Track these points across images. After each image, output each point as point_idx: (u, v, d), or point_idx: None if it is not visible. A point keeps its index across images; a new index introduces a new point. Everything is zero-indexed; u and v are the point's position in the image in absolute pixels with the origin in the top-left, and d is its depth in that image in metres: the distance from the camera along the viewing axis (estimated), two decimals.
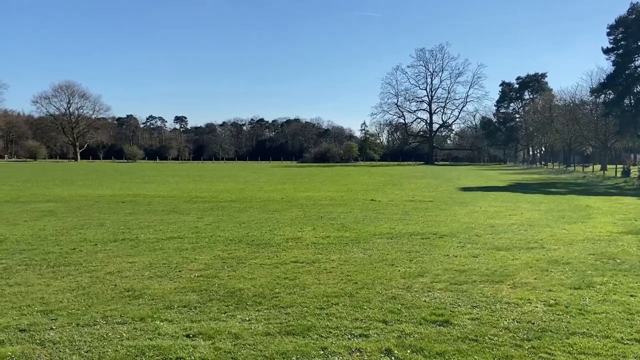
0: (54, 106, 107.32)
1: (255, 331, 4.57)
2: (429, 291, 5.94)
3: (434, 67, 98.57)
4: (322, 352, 4.12)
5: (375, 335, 4.50)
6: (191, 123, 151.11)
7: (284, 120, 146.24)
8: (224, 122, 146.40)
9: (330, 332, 4.55)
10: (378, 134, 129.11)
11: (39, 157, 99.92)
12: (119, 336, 4.40)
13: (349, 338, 4.43)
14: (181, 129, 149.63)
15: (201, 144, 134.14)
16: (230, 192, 20.91)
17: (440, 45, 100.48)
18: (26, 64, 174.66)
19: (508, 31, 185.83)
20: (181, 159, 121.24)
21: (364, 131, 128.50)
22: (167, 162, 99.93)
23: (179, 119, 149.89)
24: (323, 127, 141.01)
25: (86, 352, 4.05)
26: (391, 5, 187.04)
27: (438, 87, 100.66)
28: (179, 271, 6.91)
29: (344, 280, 6.45)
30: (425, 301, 5.54)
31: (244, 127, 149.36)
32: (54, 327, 4.63)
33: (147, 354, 4.03)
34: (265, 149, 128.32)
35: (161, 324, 4.73)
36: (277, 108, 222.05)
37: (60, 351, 4.08)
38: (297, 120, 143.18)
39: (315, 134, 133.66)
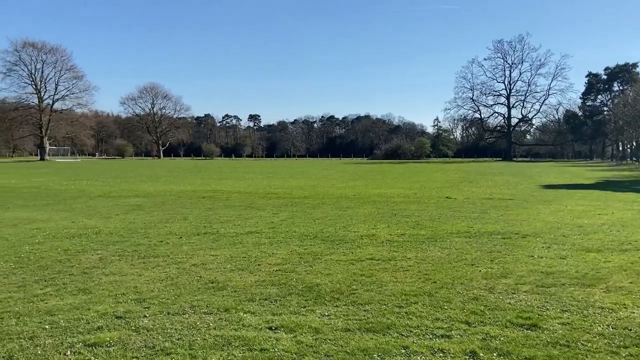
0: (140, 107, 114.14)
1: (335, 327, 4.60)
2: (513, 293, 5.70)
3: (513, 59, 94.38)
4: (403, 350, 4.08)
5: (458, 336, 4.38)
6: (264, 121, 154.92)
7: (355, 117, 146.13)
8: (295, 120, 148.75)
9: (411, 331, 4.49)
10: (452, 129, 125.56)
11: (126, 155, 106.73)
12: (206, 325, 4.61)
13: (430, 338, 4.35)
14: (255, 127, 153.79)
15: (274, 142, 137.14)
16: (303, 189, 21.22)
17: (519, 36, 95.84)
18: (115, 68, 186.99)
19: (593, 19, 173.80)
20: (255, 156, 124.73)
21: (436, 127, 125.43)
22: (241, 159, 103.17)
23: (253, 118, 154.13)
24: (394, 123, 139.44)
25: (177, 340, 4.27)
26: None
27: (517, 80, 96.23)
28: (258, 265, 7.11)
29: (421, 279, 6.34)
30: (510, 303, 5.32)
31: (315, 125, 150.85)
32: (147, 315, 4.92)
33: (233, 343, 4.18)
34: (336, 146, 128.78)
35: (244, 315, 4.89)
36: (347, 105, 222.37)
37: (153, 338, 4.32)
38: (367, 116, 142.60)
39: (385, 131, 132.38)
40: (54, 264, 7.15)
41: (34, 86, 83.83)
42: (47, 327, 4.57)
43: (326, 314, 4.97)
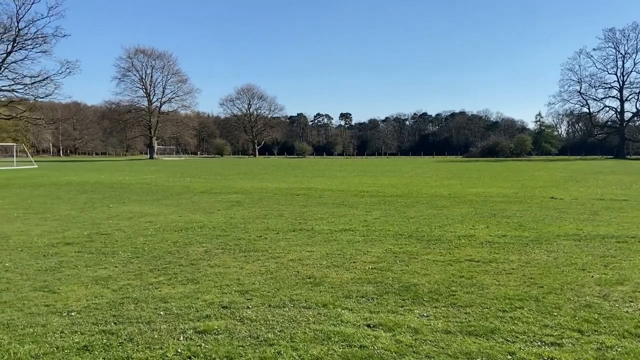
0: (237, 107, 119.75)
1: (434, 328, 4.51)
2: (631, 301, 5.22)
3: (627, 49, 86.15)
4: (509, 357, 3.89)
5: (570, 345, 4.10)
6: (355, 119, 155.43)
7: (449, 113, 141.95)
8: (386, 118, 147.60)
9: (517, 337, 4.28)
10: (556, 125, 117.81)
11: (224, 154, 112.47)
12: (306, 319, 4.72)
13: (539, 345, 4.11)
14: (346, 126, 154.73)
15: (364, 140, 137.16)
16: (395, 187, 21.00)
17: (634, 23, 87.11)
18: (215, 70, 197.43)
19: None
20: (346, 155, 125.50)
21: (538, 122, 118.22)
22: (333, 158, 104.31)
23: (344, 116, 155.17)
24: (491, 119, 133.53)
25: (279, 332, 4.42)
26: None
27: (631, 71, 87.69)
28: (354, 262, 7.15)
29: (526, 283, 6.01)
30: (627, 312, 4.88)
31: (407, 122, 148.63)
32: (250, 306, 5.14)
33: (332, 339, 4.24)
34: (428, 144, 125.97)
35: (342, 311, 4.95)
36: (440, 101, 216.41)
37: (257, 329, 4.51)
38: (462, 113, 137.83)
39: (482, 127, 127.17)
40: (165, 255, 7.70)
41: (144, 90, 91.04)
42: (161, 313, 4.94)
43: (425, 314, 4.88)
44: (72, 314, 4.91)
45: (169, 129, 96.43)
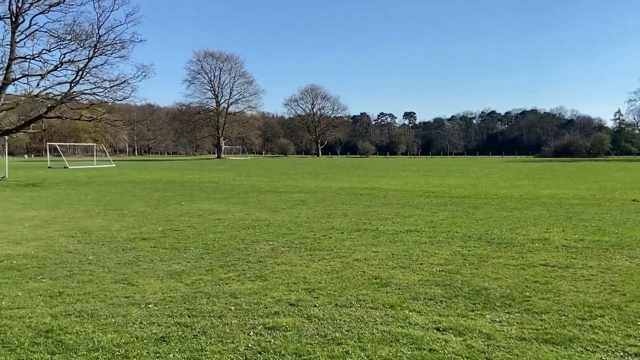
0: (301, 107, 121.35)
1: (508, 334, 4.34)
2: None
3: None
4: None
5: None
6: (420, 118, 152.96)
7: (519, 111, 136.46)
8: (452, 116, 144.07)
9: (597, 347, 4.03)
10: (637, 123, 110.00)
11: (288, 153, 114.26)
12: (373, 320, 4.69)
13: (621, 356, 3.86)
14: (410, 125, 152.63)
15: (429, 139, 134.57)
16: (462, 188, 20.44)
17: None
18: (280, 71, 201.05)
19: None
20: (410, 154, 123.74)
21: (618, 120, 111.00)
22: (396, 157, 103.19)
23: (408, 115, 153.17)
24: (565, 117, 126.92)
25: (347, 331, 4.42)
26: None
27: None
28: (420, 264, 7.02)
29: (607, 290, 5.65)
30: None
31: (474, 121, 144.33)
32: (316, 305, 5.18)
33: (400, 340, 4.19)
34: (497, 143, 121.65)
35: (410, 313, 4.87)
36: (510, 99, 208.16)
37: (324, 327, 4.54)
38: (533, 111, 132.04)
39: (555, 126, 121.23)
40: (234, 252, 7.93)
41: (212, 92, 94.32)
42: (232, 308, 5.09)
43: (497, 319, 4.71)
44: (150, 306, 5.16)
45: (235, 129, 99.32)
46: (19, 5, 24.07)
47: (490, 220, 11.15)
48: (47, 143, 63.15)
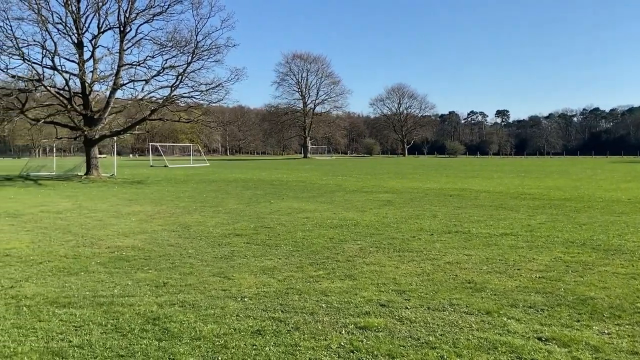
0: (387, 107, 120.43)
1: (618, 347, 4.00)
2: None
3: None
4: None
5: None
6: (513, 116, 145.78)
7: (626, 108, 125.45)
8: (550, 114, 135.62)
9: None
10: None
11: (373, 153, 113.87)
12: (468, 326, 4.53)
13: None
14: (502, 123, 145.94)
15: (524, 138, 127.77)
16: (562, 190, 19.17)
17: None
18: (365, 71, 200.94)
19: None
20: (502, 154, 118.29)
21: None
22: (487, 157, 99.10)
23: (500, 113, 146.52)
24: None
25: (440, 335, 4.31)
26: None
27: None
28: (518, 269, 6.68)
29: None
30: None
31: (574, 119, 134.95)
32: (408, 307, 5.10)
33: (499, 348, 4.00)
34: (600, 142, 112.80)
35: (508, 321, 4.64)
36: (615, 94, 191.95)
37: (417, 330, 4.45)
38: None
39: None
40: (322, 250, 8.03)
41: (300, 93, 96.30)
42: (323, 305, 5.15)
43: (606, 331, 4.36)
44: (245, 299, 5.37)
45: (321, 129, 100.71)
46: (127, 15, 26.12)
47: (595, 225, 10.35)
48: (150, 143, 67.94)
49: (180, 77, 26.61)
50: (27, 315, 4.85)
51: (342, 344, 4.12)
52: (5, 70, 24.54)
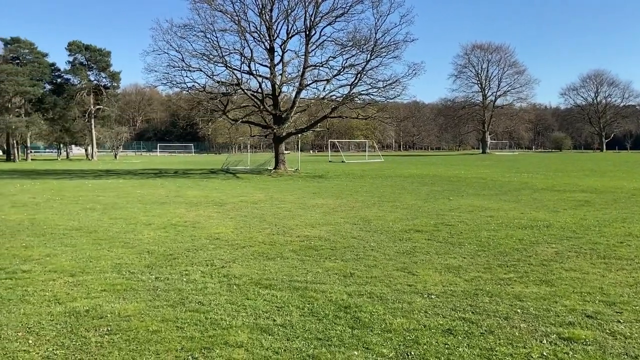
0: (581, 96, 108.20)
1: None
2: None
3: None
4: None
5: None
6: None
7: None
8: None
9: None
10: None
11: (563, 148, 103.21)
12: None
13: None
14: None
15: None
16: None
17: None
18: (555, 59, 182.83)
19: None
20: None
21: None
22: None
23: None
24: None
25: None
26: None
27: None
28: None
29: None
30: None
31: None
32: (620, 320, 4.49)
33: None
34: None
35: None
36: None
37: (634, 347, 3.89)
38: None
39: None
40: (511, 252, 7.51)
41: (479, 85, 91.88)
42: (518, 311, 4.81)
43: None
44: (432, 296, 5.29)
45: (502, 123, 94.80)
46: (312, 19, 27.83)
47: None
48: (328, 140, 71.66)
49: (359, 75, 27.44)
50: (237, 293, 5.48)
51: (545, 354, 3.79)
52: (211, 76, 28.19)
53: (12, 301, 5.21)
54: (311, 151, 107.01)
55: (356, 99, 28.86)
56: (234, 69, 28.11)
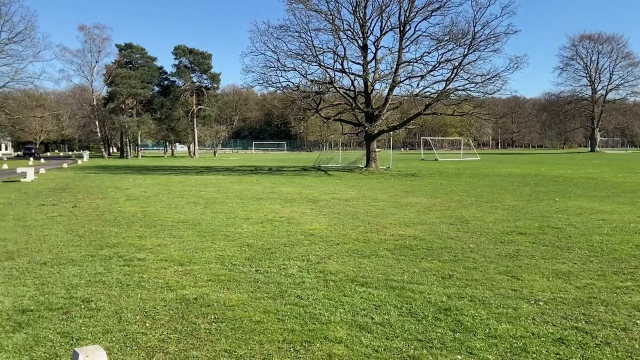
0: None
1: None
2: None
3: None
4: None
5: None
6: None
7: None
8: None
9: None
10: None
11: None
12: None
13: None
14: None
15: None
16: None
17: None
18: None
19: None
20: None
21: None
22: None
23: None
24: None
25: None
26: None
27: None
28: None
29: None
30: None
31: None
32: None
33: None
34: None
35: None
36: None
37: None
38: None
39: None
40: (628, 258, 6.88)
41: (587, 78, 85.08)
42: (637, 322, 4.39)
43: None
44: (540, 303, 4.98)
45: (614, 119, 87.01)
46: (407, 15, 27.36)
47: None
48: (421, 137, 70.21)
49: (455, 70, 26.52)
50: (334, 289, 5.53)
51: None
52: (305, 75, 28.74)
53: (130, 286, 5.68)
54: (402, 149, 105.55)
55: (452, 95, 27.95)
56: (327, 68, 28.45)
